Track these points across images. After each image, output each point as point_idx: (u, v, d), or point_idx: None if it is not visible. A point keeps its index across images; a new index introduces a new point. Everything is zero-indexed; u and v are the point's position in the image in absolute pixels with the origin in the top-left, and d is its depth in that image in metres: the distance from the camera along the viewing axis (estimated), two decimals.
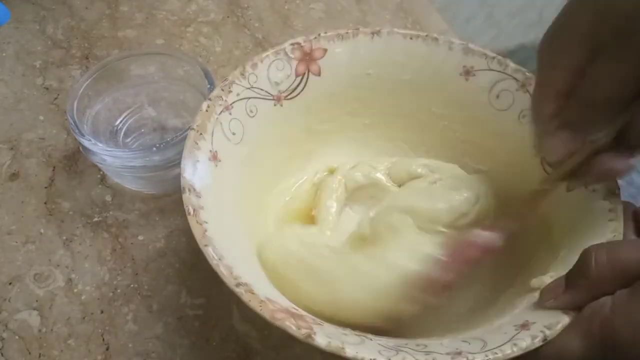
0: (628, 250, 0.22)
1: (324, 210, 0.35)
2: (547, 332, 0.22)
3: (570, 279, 0.24)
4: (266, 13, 0.54)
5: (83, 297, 0.34)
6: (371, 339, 0.24)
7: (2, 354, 0.32)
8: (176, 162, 0.35)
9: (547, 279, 0.26)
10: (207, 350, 0.32)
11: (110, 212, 0.38)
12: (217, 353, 0.32)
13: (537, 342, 0.22)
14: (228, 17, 0.53)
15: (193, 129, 0.28)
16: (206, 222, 0.25)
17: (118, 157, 0.35)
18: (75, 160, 0.41)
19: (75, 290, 0.35)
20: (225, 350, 0.32)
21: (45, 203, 0.39)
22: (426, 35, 0.34)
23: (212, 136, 0.29)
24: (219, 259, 0.24)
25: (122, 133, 0.40)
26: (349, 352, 0.21)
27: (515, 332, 0.23)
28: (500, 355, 0.22)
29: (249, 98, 0.32)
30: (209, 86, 0.36)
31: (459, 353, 0.22)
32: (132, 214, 0.38)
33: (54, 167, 0.41)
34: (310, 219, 0.36)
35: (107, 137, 0.39)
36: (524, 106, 0.32)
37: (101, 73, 0.38)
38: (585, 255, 0.23)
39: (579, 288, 0.23)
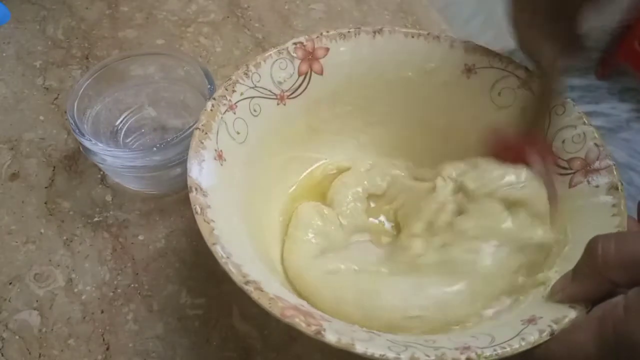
0: (636, 241, 0.22)
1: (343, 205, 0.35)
2: (555, 326, 0.23)
3: (577, 269, 0.24)
4: (266, 13, 0.54)
5: (83, 297, 0.34)
6: (379, 335, 0.24)
7: (2, 354, 0.32)
8: (176, 162, 0.35)
9: (552, 274, 0.26)
10: (207, 350, 0.32)
11: (111, 212, 0.38)
12: (217, 353, 0.32)
13: (545, 337, 0.22)
14: (228, 17, 0.53)
15: (198, 128, 0.28)
16: (213, 221, 0.25)
17: (118, 157, 0.35)
18: (75, 160, 0.41)
19: (76, 290, 0.35)
20: (225, 350, 0.32)
21: (45, 203, 0.39)
22: (428, 34, 0.34)
23: (217, 135, 0.29)
24: (227, 257, 0.24)
25: (123, 133, 0.40)
26: (359, 348, 0.21)
27: (523, 327, 0.23)
28: (508, 349, 0.22)
29: (253, 97, 0.32)
30: (209, 86, 0.36)
31: (467, 348, 0.22)
32: (133, 214, 0.38)
33: (54, 167, 0.41)
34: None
35: (108, 137, 0.39)
36: (525, 103, 0.32)
37: (101, 73, 0.38)
38: (592, 243, 0.23)
39: (586, 277, 0.23)
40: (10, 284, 0.35)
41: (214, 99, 0.30)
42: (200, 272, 0.35)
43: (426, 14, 0.54)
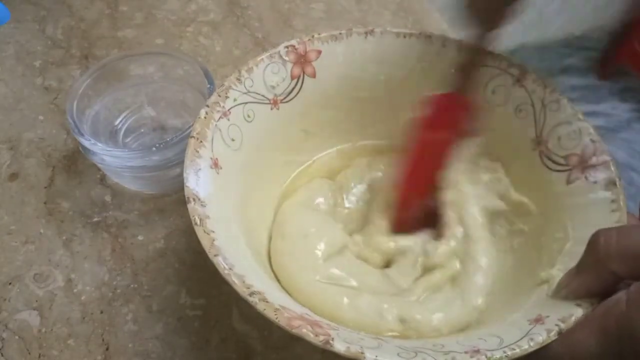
0: (638, 233, 0.22)
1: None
2: (562, 325, 0.23)
3: (581, 263, 0.24)
4: (266, 13, 0.54)
5: (83, 297, 0.34)
6: (387, 342, 0.24)
7: (2, 354, 0.32)
8: (176, 162, 0.35)
9: (555, 272, 0.27)
10: (207, 350, 0.32)
11: (110, 212, 0.38)
12: (217, 353, 0.32)
13: (553, 336, 0.22)
14: (228, 16, 0.53)
15: (193, 137, 0.28)
16: (213, 232, 0.25)
17: (118, 157, 0.35)
18: (74, 160, 0.41)
19: (75, 291, 0.35)
20: (225, 351, 0.32)
21: (45, 203, 0.39)
22: (419, 33, 0.34)
23: (212, 143, 0.29)
24: (230, 269, 0.24)
25: (122, 133, 0.40)
26: (368, 356, 0.21)
27: (530, 327, 0.23)
28: (517, 350, 0.22)
29: (246, 103, 0.32)
30: (208, 86, 0.36)
31: (477, 351, 0.22)
32: (132, 214, 0.38)
33: (54, 167, 0.41)
34: None
35: (107, 137, 0.39)
36: (519, 101, 0.32)
37: (101, 73, 0.38)
38: (594, 236, 0.23)
39: (588, 270, 0.23)
40: (10, 284, 0.35)
41: (207, 106, 0.30)
42: (200, 273, 0.35)
43: (426, 14, 0.54)
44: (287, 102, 0.34)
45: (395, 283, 0.32)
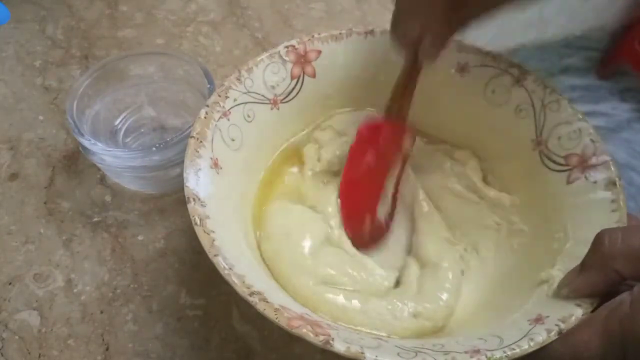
0: None
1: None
2: (562, 325, 0.23)
3: (584, 262, 0.24)
4: (266, 13, 0.54)
5: (83, 297, 0.34)
6: (387, 341, 0.24)
7: (2, 354, 0.32)
8: (176, 162, 0.35)
9: (555, 272, 0.27)
10: (206, 350, 0.32)
11: (110, 212, 0.38)
12: (217, 353, 0.32)
13: (553, 336, 0.22)
14: (228, 16, 0.53)
15: (193, 136, 0.28)
16: (213, 232, 0.25)
17: (118, 157, 0.35)
18: (74, 160, 0.41)
19: (75, 291, 0.35)
20: (225, 351, 0.32)
21: (45, 203, 0.39)
22: None
23: (212, 143, 0.29)
24: (230, 269, 0.24)
25: (122, 133, 0.40)
26: (368, 356, 0.21)
27: (530, 327, 0.23)
28: (517, 350, 0.22)
29: (246, 103, 0.32)
30: (208, 86, 0.36)
31: (477, 351, 0.22)
32: (132, 214, 0.38)
33: (54, 167, 0.41)
34: None
35: (107, 137, 0.39)
36: (519, 101, 0.32)
37: (101, 73, 0.38)
38: (599, 235, 0.23)
39: (592, 268, 0.23)
40: (10, 284, 0.35)
41: (207, 106, 0.30)
42: (200, 273, 0.35)
43: None
44: (287, 102, 0.34)
45: (388, 272, 0.32)
